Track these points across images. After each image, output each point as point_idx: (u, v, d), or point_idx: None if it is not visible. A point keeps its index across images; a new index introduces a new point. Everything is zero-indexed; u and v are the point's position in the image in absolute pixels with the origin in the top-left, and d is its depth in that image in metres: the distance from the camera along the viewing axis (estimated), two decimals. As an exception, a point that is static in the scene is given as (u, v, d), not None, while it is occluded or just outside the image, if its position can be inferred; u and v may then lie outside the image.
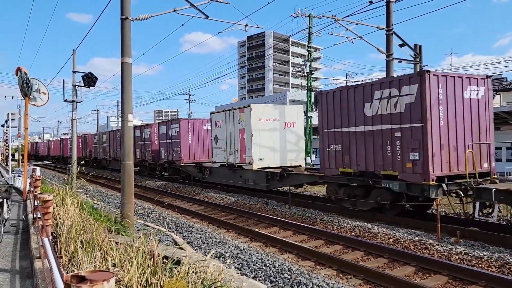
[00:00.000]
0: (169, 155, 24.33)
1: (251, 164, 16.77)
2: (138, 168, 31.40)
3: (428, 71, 10.11)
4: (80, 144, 42.19)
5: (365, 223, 10.71)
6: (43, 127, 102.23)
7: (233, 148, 18.10)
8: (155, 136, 26.58)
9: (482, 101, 11.04)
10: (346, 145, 12.10)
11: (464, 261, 7.49)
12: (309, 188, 18.03)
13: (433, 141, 9.95)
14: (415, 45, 18.08)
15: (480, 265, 7.22)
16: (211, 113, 20.28)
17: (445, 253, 7.91)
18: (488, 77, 11.19)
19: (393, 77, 12.21)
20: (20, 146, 39.67)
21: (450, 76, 10.63)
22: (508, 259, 7.25)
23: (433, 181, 9.83)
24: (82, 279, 1.79)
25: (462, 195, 9.88)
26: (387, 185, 10.85)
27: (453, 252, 7.87)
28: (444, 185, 9.79)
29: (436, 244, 8.41)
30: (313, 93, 26.07)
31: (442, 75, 10.52)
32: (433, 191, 9.79)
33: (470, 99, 10.80)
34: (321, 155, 13.10)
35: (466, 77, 10.88)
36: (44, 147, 67.03)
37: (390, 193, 11.00)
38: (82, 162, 40.41)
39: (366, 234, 9.78)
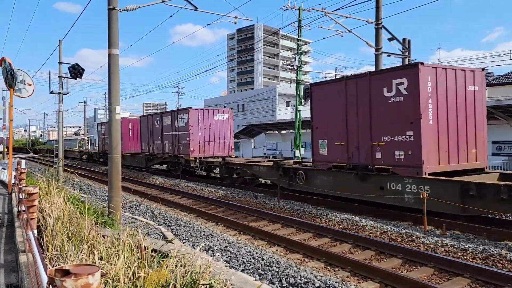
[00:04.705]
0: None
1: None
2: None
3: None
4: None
5: (353, 216, 10.80)
6: (29, 119, 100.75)
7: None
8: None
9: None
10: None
11: (450, 253, 7.60)
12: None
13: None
14: (404, 40, 18.18)
15: (465, 257, 7.34)
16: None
17: (431, 246, 8.02)
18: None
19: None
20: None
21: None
22: (492, 251, 7.38)
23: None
24: (66, 273, 1.76)
25: None
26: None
27: (439, 245, 7.99)
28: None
29: (423, 237, 8.52)
30: (302, 86, 26.07)
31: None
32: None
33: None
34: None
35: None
36: (131, 135, 30.13)
37: None
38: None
39: (354, 227, 9.87)
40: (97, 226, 6.58)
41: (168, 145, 23.01)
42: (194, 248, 7.34)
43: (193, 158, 20.56)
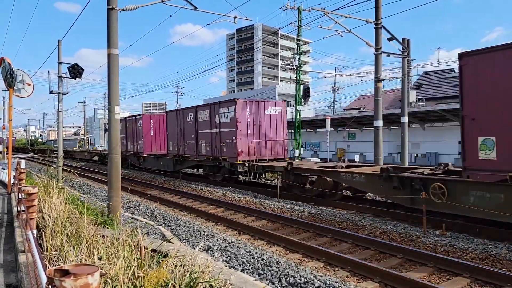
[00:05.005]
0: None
1: None
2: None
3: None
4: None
5: (353, 216, 10.81)
6: (28, 119, 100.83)
7: None
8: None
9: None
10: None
11: (449, 253, 7.60)
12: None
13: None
14: (403, 39, 18.20)
15: (465, 257, 7.34)
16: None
17: (431, 245, 8.03)
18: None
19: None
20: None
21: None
22: (492, 251, 7.39)
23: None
24: (66, 273, 1.76)
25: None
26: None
27: (439, 244, 7.99)
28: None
29: (422, 237, 8.53)
30: (301, 86, 26.08)
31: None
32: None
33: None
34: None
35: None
36: (153, 134, 26.75)
37: None
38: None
39: (354, 227, 9.87)
40: (97, 226, 6.58)
41: (206, 146, 19.15)
42: (194, 248, 7.34)
43: (241, 162, 16.70)
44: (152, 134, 26.31)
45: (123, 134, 28.08)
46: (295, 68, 25.53)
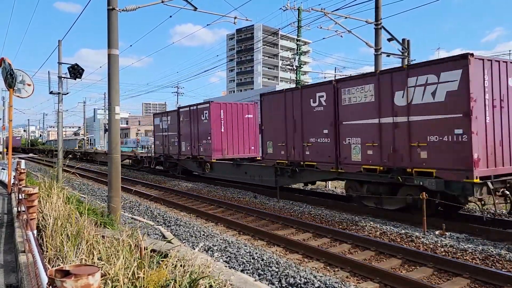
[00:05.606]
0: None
1: None
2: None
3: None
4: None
5: (353, 216, 10.81)
6: (28, 120, 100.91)
7: None
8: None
9: None
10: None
11: (449, 253, 7.61)
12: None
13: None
14: (403, 40, 18.19)
15: (465, 258, 7.34)
16: None
17: (431, 246, 8.03)
18: None
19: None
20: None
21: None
22: (492, 252, 7.39)
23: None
24: (66, 273, 1.76)
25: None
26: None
27: (439, 245, 7.99)
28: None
29: (422, 237, 8.53)
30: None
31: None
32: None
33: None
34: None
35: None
36: (223, 130, 19.60)
37: None
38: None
39: (354, 227, 9.87)
40: (97, 227, 6.58)
41: (361, 147, 11.39)
42: (194, 248, 7.34)
43: (478, 180, 8.74)
44: (222, 130, 19.38)
45: (174, 132, 22.02)
46: (295, 68, 25.54)
